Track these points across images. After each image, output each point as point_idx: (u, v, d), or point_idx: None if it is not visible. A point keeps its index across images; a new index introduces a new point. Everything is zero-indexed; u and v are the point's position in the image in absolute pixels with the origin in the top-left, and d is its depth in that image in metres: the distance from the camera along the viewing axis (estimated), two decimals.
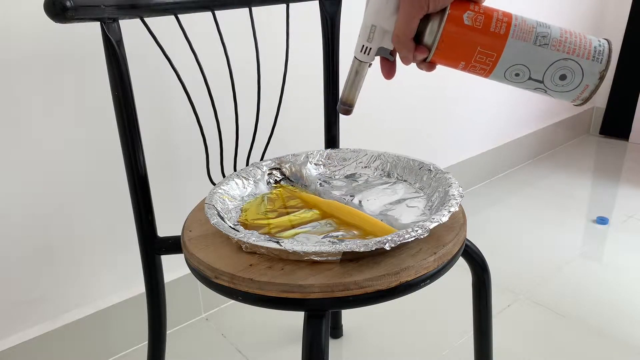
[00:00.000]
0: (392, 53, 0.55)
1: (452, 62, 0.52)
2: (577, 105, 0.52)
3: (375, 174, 0.75)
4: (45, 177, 0.84)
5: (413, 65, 0.55)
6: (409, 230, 0.52)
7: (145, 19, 0.62)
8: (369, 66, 0.57)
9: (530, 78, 0.50)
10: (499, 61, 0.49)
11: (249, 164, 0.74)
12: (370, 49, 0.54)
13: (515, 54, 0.49)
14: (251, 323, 1.09)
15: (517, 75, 0.50)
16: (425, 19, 0.50)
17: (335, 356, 1.00)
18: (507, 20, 0.49)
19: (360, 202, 0.68)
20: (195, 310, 1.10)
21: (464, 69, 0.52)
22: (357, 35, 0.54)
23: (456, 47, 0.50)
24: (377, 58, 0.56)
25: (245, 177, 0.71)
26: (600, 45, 0.49)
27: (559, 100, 2.12)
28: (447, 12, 0.49)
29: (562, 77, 0.49)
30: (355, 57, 0.56)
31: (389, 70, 0.56)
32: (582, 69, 0.49)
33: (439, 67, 0.55)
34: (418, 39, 0.51)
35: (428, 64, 0.53)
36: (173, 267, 1.01)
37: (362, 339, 1.04)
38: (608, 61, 0.49)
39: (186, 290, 1.07)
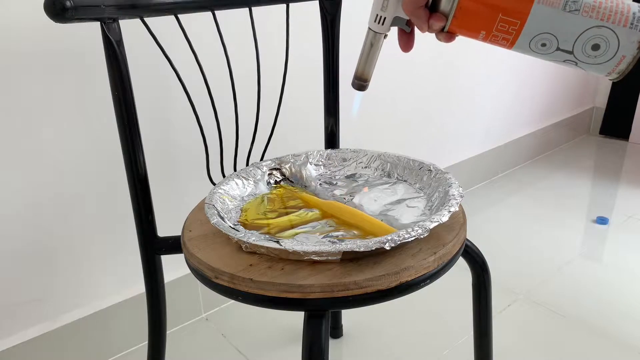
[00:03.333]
0: (409, 23, 0.51)
1: (472, 32, 0.48)
2: (613, 80, 0.47)
3: (375, 174, 0.75)
4: (45, 177, 0.84)
5: (413, 66, 0.54)
6: (409, 230, 0.52)
7: (145, 19, 0.62)
8: (385, 37, 0.53)
9: (558, 48, 0.45)
10: (523, 30, 0.45)
11: (249, 164, 0.74)
12: (385, 18, 0.51)
13: (542, 21, 0.44)
14: (251, 323, 1.09)
15: (543, 45, 0.46)
16: None
17: (335, 356, 1.00)
18: None
19: (360, 202, 0.68)
20: (195, 310, 1.10)
21: (484, 39, 0.48)
22: (371, 4, 0.51)
23: (475, 15, 0.46)
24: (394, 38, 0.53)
25: (245, 177, 0.71)
26: None
27: (560, 99, 2.10)
28: None
29: (595, 47, 0.44)
30: (369, 27, 0.52)
31: (406, 42, 0.53)
32: (617, 37, 0.44)
33: (440, 66, 0.54)
34: (435, 6, 0.47)
35: (446, 34, 0.49)
36: (173, 267, 1.01)
37: (362, 339, 1.04)
38: None
39: (186, 290, 1.06)
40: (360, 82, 0.56)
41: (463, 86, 1.56)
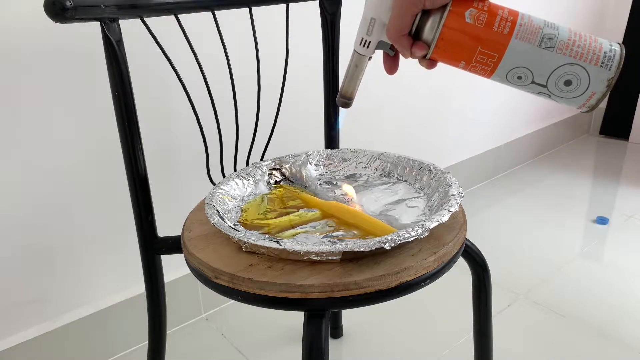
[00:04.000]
0: (393, 48, 0.53)
1: (452, 61, 0.50)
2: (584, 112, 0.50)
3: (375, 174, 0.75)
4: (45, 177, 0.84)
5: (413, 65, 0.55)
6: (409, 230, 0.52)
7: (145, 19, 0.62)
8: (369, 59, 0.55)
9: (533, 82, 0.48)
10: (500, 62, 0.47)
11: (249, 164, 0.74)
12: (370, 42, 0.53)
13: (518, 55, 0.46)
14: (251, 323, 1.09)
15: (519, 78, 0.48)
16: (427, 15, 0.48)
17: (335, 356, 1.00)
18: (512, 19, 0.46)
19: (360, 202, 0.68)
20: (195, 310, 1.10)
21: (464, 68, 0.50)
22: (357, 28, 0.53)
23: (456, 46, 0.48)
24: (380, 52, 0.54)
25: (245, 177, 0.71)
26: (611, 51, 0.46)
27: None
28: (448, 9, 0.46)
29: (567, 83, 0.47)
30: (354, 50, 0.55)
31: (390, 65, 0.55)
32: (588, 75, 0.46)
33: (440, 66, 0.54)
34: (418, 34, 0.49)
35: (428, 61, 0.51)
36: (173, 267, 1.01)
37: (362, 339, 1.04)
38: (618, 68, 0.46)
39: (186, 290, 1.06)
40: (345, 100, 0.58)
41: (463, 86, 1.56)
